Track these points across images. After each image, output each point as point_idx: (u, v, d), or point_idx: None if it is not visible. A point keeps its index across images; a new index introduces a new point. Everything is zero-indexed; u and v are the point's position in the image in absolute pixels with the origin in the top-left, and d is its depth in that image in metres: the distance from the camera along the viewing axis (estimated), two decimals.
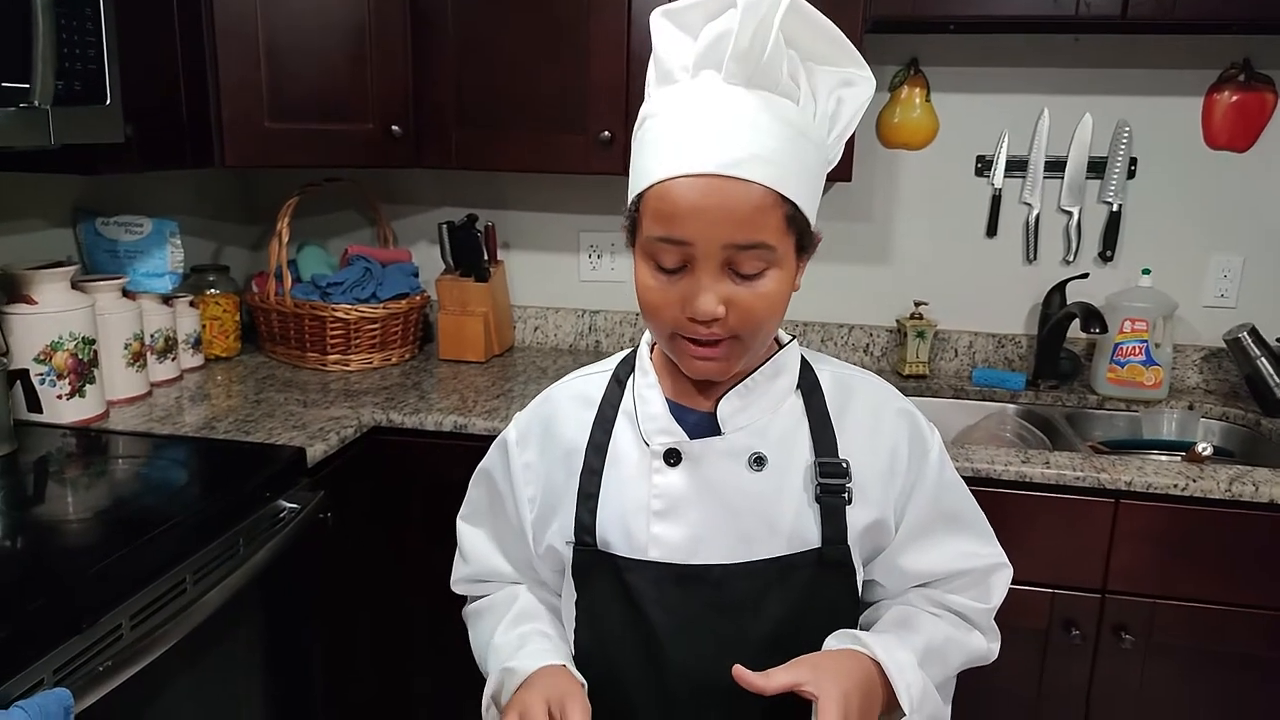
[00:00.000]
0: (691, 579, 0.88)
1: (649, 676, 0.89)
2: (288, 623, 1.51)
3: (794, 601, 0.88)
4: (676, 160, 0.78)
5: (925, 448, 0.93)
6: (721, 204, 0.77)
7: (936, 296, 2.16)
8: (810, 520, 0.88)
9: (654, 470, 0.89)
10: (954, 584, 0.95)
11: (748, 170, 0.77)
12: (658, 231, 0.80)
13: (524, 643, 0.93)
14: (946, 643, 0.92)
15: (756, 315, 0.82)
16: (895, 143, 2.13)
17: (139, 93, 1.52)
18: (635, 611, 0.88)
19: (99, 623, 1.07)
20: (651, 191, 0.80)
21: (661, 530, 0.88)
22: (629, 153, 0.87)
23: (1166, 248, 2.07)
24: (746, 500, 0.88)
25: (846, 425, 0.90)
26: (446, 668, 1.87)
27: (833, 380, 0.93)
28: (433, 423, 1.76)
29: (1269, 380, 1.90)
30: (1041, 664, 1.66)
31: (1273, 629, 1.58)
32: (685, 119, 0.80)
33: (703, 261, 0.79)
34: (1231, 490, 1.53)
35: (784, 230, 0.80)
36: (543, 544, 0.96)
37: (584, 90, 1.88)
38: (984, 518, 0.98)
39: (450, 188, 2.33)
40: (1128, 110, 2.03)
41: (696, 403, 0.91)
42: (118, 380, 1.75)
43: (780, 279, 0.82)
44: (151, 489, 1.41)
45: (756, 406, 0.89)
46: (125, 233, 1.87)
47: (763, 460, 0.88)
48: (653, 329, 0.88)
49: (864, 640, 0.85)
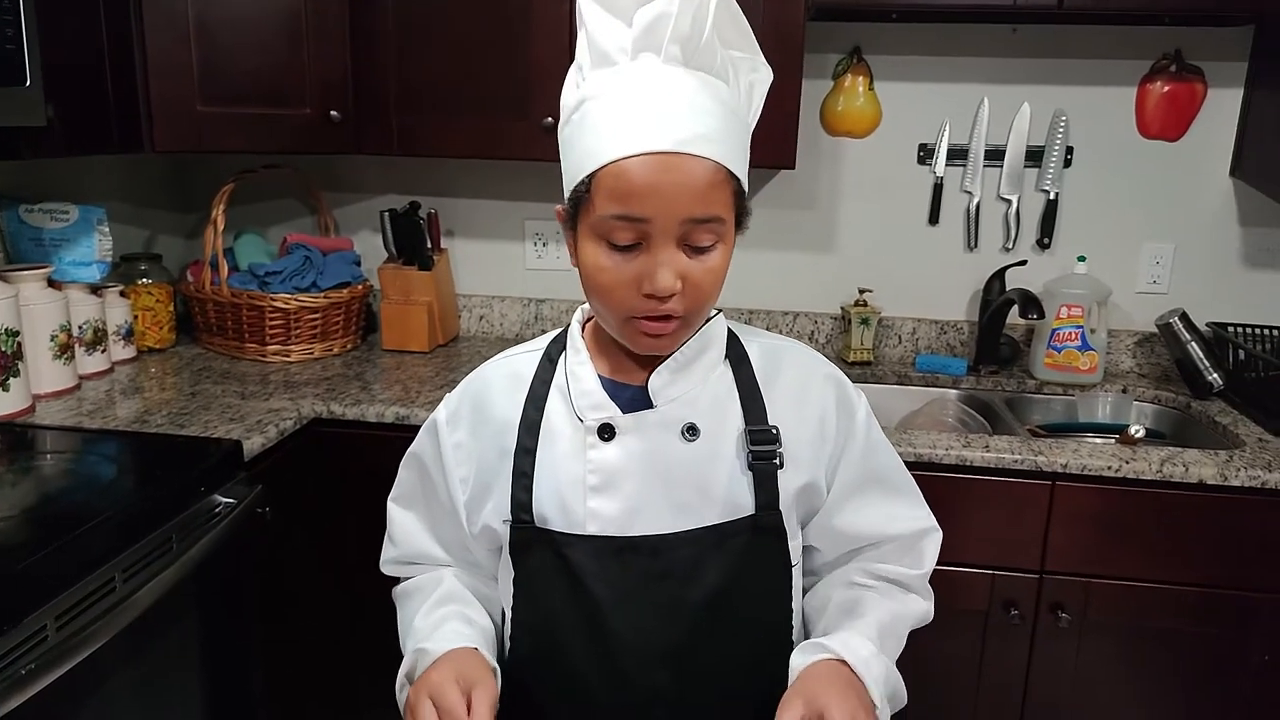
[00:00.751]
0: (630, 550, 0.89)
1: (592, 648, 0.90)
2: (225, 619, 1.48)
3: (730, 567, 0.90)
4: (630, 139, 0.80)
5: (852, 410, 0.96)
6: (679, 180, 0.79)
7: (880, 284, 2.18)
8: (744, 487, 0.90)
9: (589, 445, 0.90)
10: (886, 550, 0.98)
11: (699, 147, 0.80)
12: (614, 210, 0.81)
13: (440, 624, 0.94)
14: (893, 618, 0.95)
15: (704, 290, 0.84)
16: (839, 131, 2.14)
17: (61, 73, 1.46)
18: (576, 586, 0.90)
19: (22, 624, 1.03)
20: (605, 171, 0.81)
21: (598, 504, 0.90)
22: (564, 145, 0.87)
23: (1101, 235, 2.12)
24: (681, 470, 0.90)
25: (775, 393, 0.93)
26: (388, 660, 1.84)
27: (761, 351, 0.96)
28: (374, 414, 1.74)
29: (1199, 364, 1.96)
30: (982, 644, 1.69)
31: (1200, 605, 1.63)
32: (631, 100, 0.81)
33: (659, 238, 0.81)
34: (1163, 471, 1.57)
35: (731, 205, 0.84)
36: (478, 524, 0.96)
37: (527, 75, 1.86)
38: (913, 481, 1.01)
39: (392, 175, 2.29)
40: (1064, 100, 2.07)
41: (628, 378, 0.93)
42: (44, 373, 1.69)
43: (725, 253, 0.85)
44: (79, 485, 1.36)
45: (686, 379, 0.91)
46: (50, 220, 1.80)
47: (695, 430, 0.90)
48: (605, 312, 0.87)
49: (830, 647, 0.87)
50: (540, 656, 0.93)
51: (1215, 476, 1.56)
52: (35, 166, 1.88)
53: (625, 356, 0.92)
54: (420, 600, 0.99)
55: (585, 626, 0.90)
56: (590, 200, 0.83)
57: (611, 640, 0.89)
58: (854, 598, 0.95)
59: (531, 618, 0.94)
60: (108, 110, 1.63)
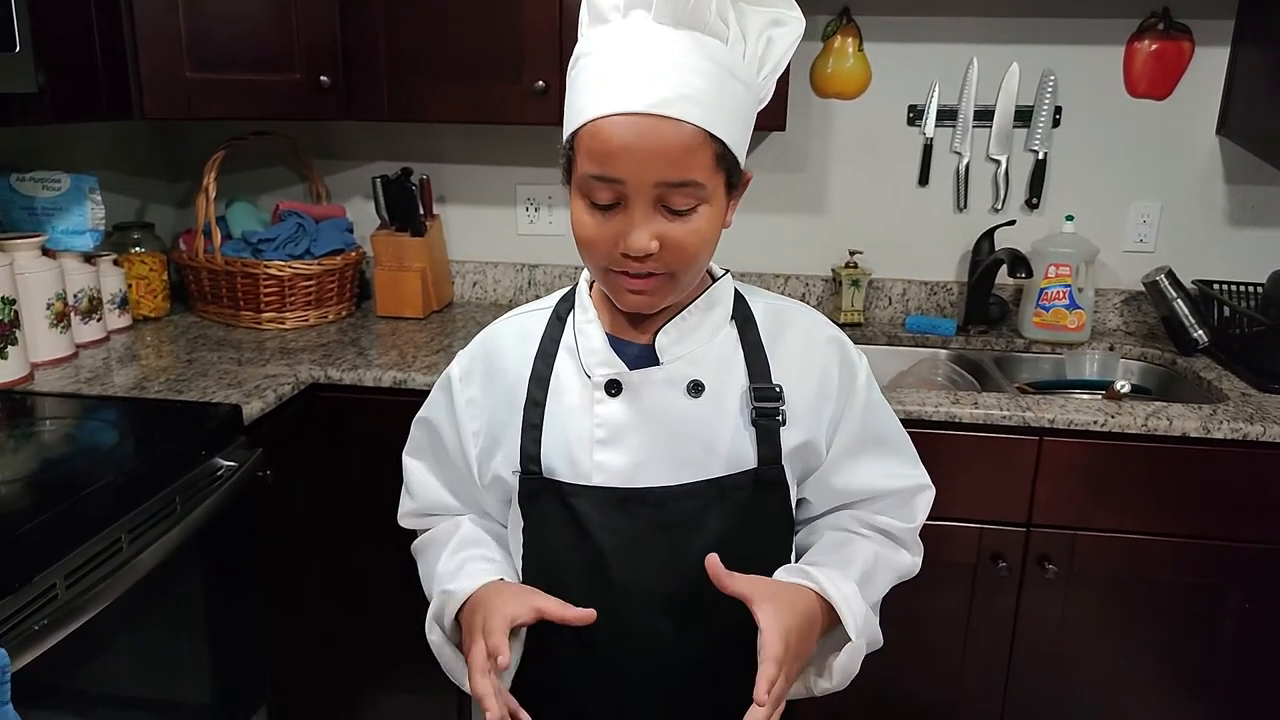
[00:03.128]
0: (635, 501, 0.91)
1: (597, 595, 0.92)
2: (228, 580, 1.50)
3: (732, 519, 0.92)
4: (608, 99, 0.81)
5: (854, 373, 0.98)
6: (652, 143, 0.80)
7: (870, 245, 2.20)
8: (746, 442, 0.92)
9: (596, 401, 0.92)
10: (880, 504, 1.01)
11: (677, 109, 0.80)
12: (591, 169, 0.82)
13: (463, 565, 0.97)
14: (879, 563, 0.98)
15: (687, 251, 0.85)
16: (828, 92, 2.14)
17: (50, 40, 1.46)
18: (581, 535, 0.92)
19: (32, 582, 1.05)
20: (585, 130, 0.82)
21: (604, 457, 0.92)
22: (565, 100, 0.88)
23: (1089, 194, 2.13)
24: (685, 426, 0.92)
25: (779, 352, 0.95)
26: (389, 621, 1.88)
27: (766, 310, 0.97)
28: (372, 378, 1.75)
29: (1184, 321, 1.99)
30: (971, 596, 1.73)
31: (1184, 555, 1.67)
32: (616, 58, 0.82)
33: (635, 199, 0.82)
34: (1148, 425, 1.60)
35: (713, 168, 0.83)
36: (488, 475, 0.99)
37: (519, 39, 1.85)
38: (909, 441, 1.04)
39: (383, 141, 2.29)
40: (1053, 59, 2.07)
41: (635, 336, 0.95)
42: (41, 342, 1.70)
43: (711, 215, 0.85)
44: (83, 450, 1.38)
45: (692, 337, 0.93)
46: (42, 189, 1.80)
47: (700, 387, 0.92)
48: (588, 264, 0.90)
49: (812, 575, 0.89)
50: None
51: (1199, 430, 1.59)
52: (25, 135, 1.87)
53: (629, 314, 0.94)
54: (439, 548, 1.02)
55: (591, 574, 0.92)
56: (575, 158, 0.85)
57: (616, 588, 0.92)
58: (843, 539, 0.99)
59: (540, 566, 0.96)
60: (97, 77, 1.63)
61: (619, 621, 0.92)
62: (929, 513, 1.04)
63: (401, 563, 1.15)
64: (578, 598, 0.92)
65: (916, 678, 1.78)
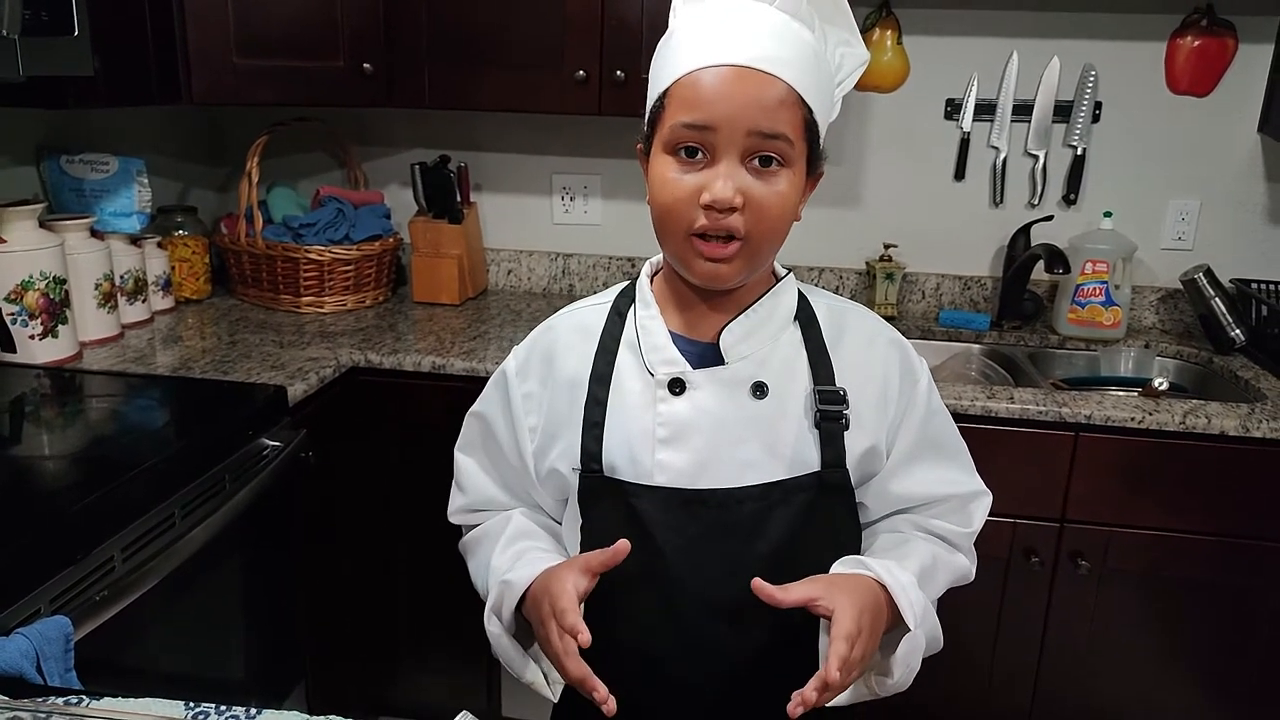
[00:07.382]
0: (696, 503, 0.90)
1: (657, 596, 0.91)
2: (269, 559, 1.53)
3: (795, 523, 0.91)
4: (706, 53, 0.83)
5: (915, 377, 0.97)
6: (748, 91, 0.82)
7: (905, 239, 2.19)
8: (810, 445, 0.92)
9: (659, 399, 0.91)
10: (937, 509, 1.00)
11: (774, 67, 0.82)
12: (683, 117, 0.83)
13: (520, 556, 0.96)
14: (936, 563, 0.97)
15: (769, 214, 0.85)
16: (866, 85, 2.14)
17: (106, 24, 1.48)
18: (642, 534, 0.90)
19: (92, 554, 1.08)
20: (679, 82, 0.84)
21: (666, 456, 0.91)
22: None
23: (1127, 191, 2.12)
24: (748, 427, 0.91)
25: (842, 355, 0.94)
26: (423, 600, 1.91)
27: (828, 312, 0.97)
28: (411, 363, 1.77)
29: (1222, 320, 1.97)
30: (1003, 590, 1.74)
31: (1219, 555, 1.66)
32: (713, 22, 0.85)
33: (724, 149, 0.83)
34: (1186, 423, 1.60)
35: (801, 132, 0.85)
36: (544, 469, 0.98)
37: (560, 28, 1.86)
38: (966, 449, 1.03)
39: (422, 128, 2.31)
40: (1094, 54, 2.06)
41: (698, 334, 0.94)
42: (89, 321, 1.73)
43: (792, 182, 0.86)
44: (133, 426, 1.41)
45: (757, 337, 0.92)
46: (91, 171, 1.83)
47: (764, 388, 0.91)
48: (666, 231, 0.88)
49: (869, 564, 0.89)
50: (605, 603, 0.92)
51: (1238, 429, 1.59)
52: (74, 119, 1.90)
53: (696, 311, 0.93)
54: (491, 542, 1.01)
55: (650, 574, 0.91)
56: (663, 114, 0.86)
57: (675, 589, 0.91)
58: (900, 539, 0.98)
59: None
60: (148, 62, 1.66)
61: (677, 624, 0.91)
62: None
63: (435, 544, 1.14)
64: (637, 598, 0.92)
65: (946, 670, 1.78)
